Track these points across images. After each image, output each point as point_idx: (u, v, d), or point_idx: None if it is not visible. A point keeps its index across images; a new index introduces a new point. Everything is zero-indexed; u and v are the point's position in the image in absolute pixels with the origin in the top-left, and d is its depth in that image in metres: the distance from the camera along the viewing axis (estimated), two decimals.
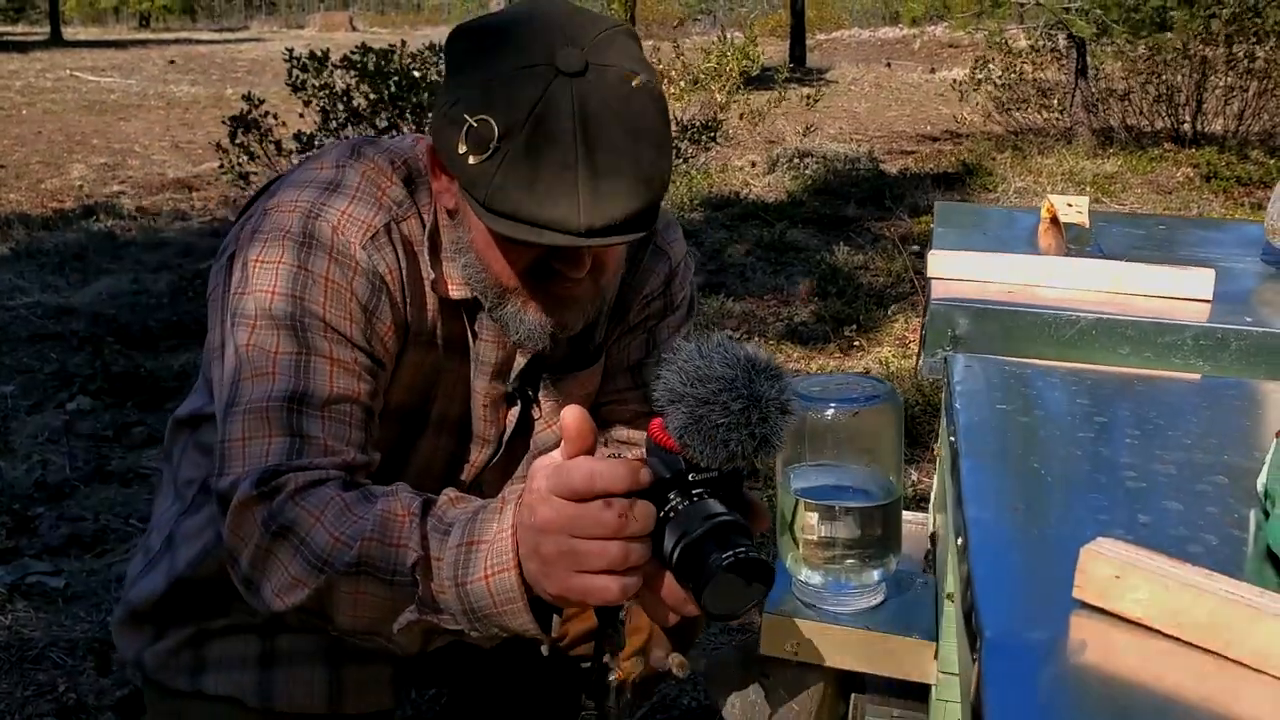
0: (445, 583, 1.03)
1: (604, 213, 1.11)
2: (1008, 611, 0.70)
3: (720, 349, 0.95)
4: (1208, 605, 0.65)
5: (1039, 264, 1.49)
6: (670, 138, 1.21)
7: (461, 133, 1.12)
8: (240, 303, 1.23)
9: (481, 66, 1.13)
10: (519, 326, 1.28)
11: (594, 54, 1.12)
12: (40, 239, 6.45)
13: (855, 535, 1.32)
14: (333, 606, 1.09)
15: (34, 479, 3.31)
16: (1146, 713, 0.61)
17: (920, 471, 3.28)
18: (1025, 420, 1.14)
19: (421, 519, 1.07)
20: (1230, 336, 1.30)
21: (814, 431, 1.31)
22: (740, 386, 0.92)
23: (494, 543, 1.01)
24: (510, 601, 1.01)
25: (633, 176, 1.12)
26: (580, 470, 0.95)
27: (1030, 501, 0.89)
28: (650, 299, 1.48)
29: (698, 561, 0.95)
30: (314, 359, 1.21)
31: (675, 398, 0.93)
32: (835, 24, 31.03)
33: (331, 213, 1.25)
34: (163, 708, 1.46)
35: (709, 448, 0.93)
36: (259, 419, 1.17)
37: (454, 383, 1.39)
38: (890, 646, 1.33)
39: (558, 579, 0.96)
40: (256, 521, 1.12)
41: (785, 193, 7.90)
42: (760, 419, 0.92)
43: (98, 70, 18.39)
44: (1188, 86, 9.72)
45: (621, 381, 1.52)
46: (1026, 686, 0.63)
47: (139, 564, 1.49)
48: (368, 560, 1.06)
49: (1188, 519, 0.79)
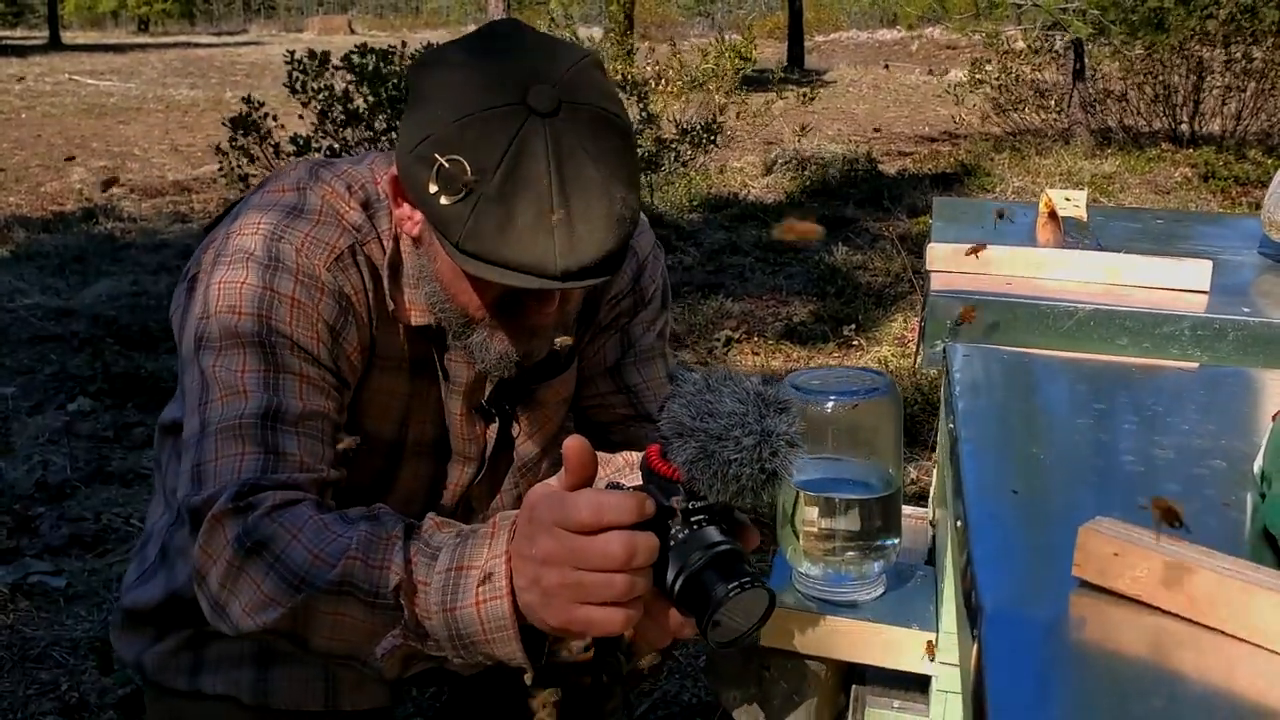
0: (432, 608, 1.01)
1: (579, 256, 1.10)
2: (1007, 589, 0.71)
3: (729, 383, 0.95)
4: (1206, 581, 0.65)
5: (1037, 256, 1.50)
6: (639, 170, 1.21)
7: (432, 172, 1.10)
8: (204, 327, 1.22)
9: (451, 103, 1.11)
10: (485, 355, 1.27)
11: (566, 91, 1.11)
12: (40, 241, 6.45)
13: (855, 527, 1.33)
14: (309, 628, 1.06)
15: (35, 479, 3.32)
16: (1146, 687, 0.62)
17: (919, 470, 3.28)
18: (1024, 407, 1.15)
19: (405, 541, 1.04)
20: (1228, 327, 1.30)
21: (814, 424, 1.31)
22: (752, 422, 0.92)
23: (485, 569, 1.00)
24: (500, 630, 0.99)
25: (606, 217, 1.11)
26: (586, 503, 0.94)
27: (1029, 485, 0.90)
28: (619, 298, 1.47)
29: (701, 592, 0.95)
30: (284, 376, 1.19)
31: (684, 431, 0.93)
32: (833, 26, 31.06)
33: (295, 235, 1.24)
34: (161, 708, 1.46)
35: (719, 483, 0.93)
36: (233, 436, 1.16)
37: (427, 406, 1.38)
38: (891, 638, 1.34)
39: (560, 610, 0.95)
40: (229, 537, 1.09)
41: (784, 193, 7.91)
42: (770, 454, 0.92)
43: (96, 74, 18.40)
44: (1185, 87, 9.73)
45: (603, 385, 1.50)
46: (1026, 662, 0.64)
47: (134, 572, 1.48)
48: (350, 580, 1.04)
49: (1185, 501, 0.79)
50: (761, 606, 0.98)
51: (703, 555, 0.96)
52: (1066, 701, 0.59)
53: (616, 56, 8.81)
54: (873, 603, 1.37)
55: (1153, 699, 0.60)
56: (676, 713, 2.29)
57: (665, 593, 0.98)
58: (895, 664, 1.35)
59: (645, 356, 1.50)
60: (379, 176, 1.30)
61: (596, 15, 22.09)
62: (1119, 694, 0.60)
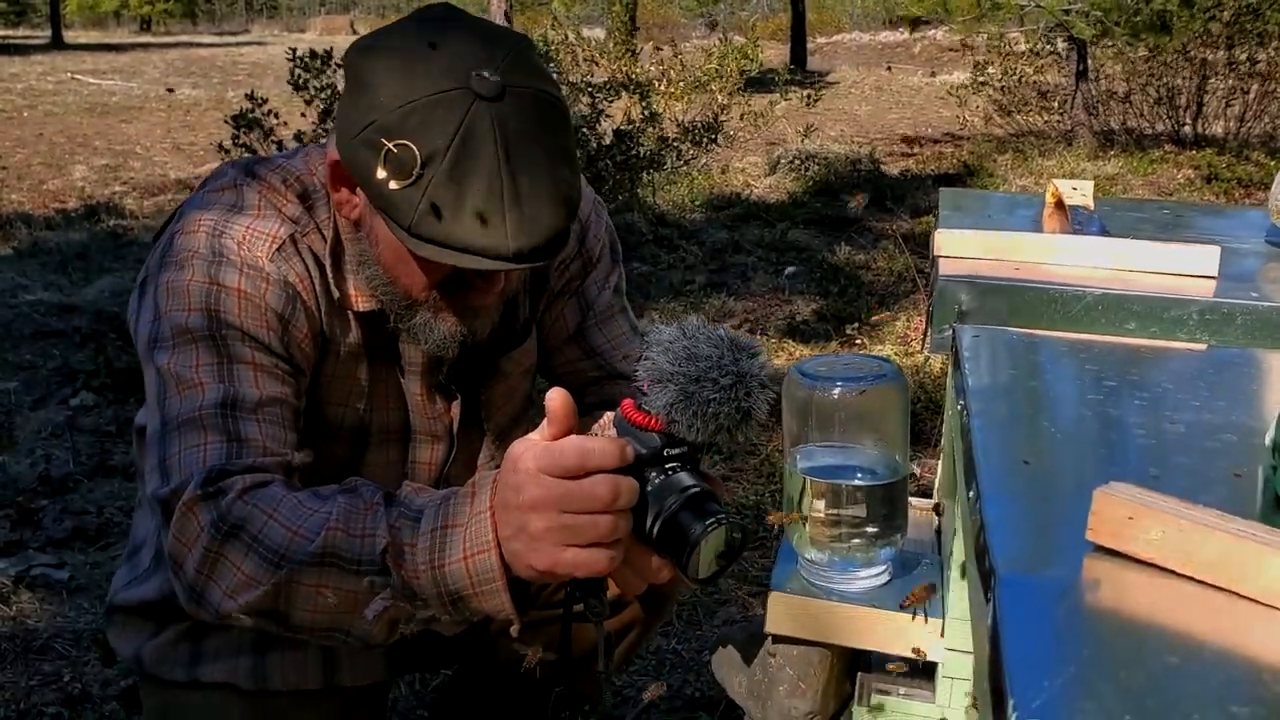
0: (420, 568, 1.04)
1: (530, 237, 1.13)
2: (1021, 553, 0.71)
3: (703, 331, 1.03)
4: (1220, 544, 0.65)
5: (1045, 241, 1.50)
6: (576, 151, 1.23)
7: (379, 157, 1.12)
8: (156, 328, 1.23)
9: (394, 89, 1.13)
10: (429, 335, 1.29)
11: (507, 75, 1.13)
12: (43, 238, 6.45)
13: (862, 514, 1.32)
14: (290, 603, 1.08)
15: (38, 473, 3.32)
16: (1163, 646, 0.62)
17: (922, 469, 3.28)
18: (1034, 385, 1.14)
19: (386, 508, 1.07)
20: (1236, 311, 1.30)
21: (820, 411, 1.31)
22: (728, 364, 1.01)
23: (469, 526, 1.03)
24: (489, 582, 1.03)
25: (553, 197, 1.15)
26: (573, 448, 0.99)
27: (1041, 457, 0.90)
28: (567, 263, 1.48)
29: (678, 532, 1.03)
30: (237, 366, 1.21)
31: (663, 377, 1.01)
32: (835, 27, 31.06)
33: (236, 229, 1.26)
34: (160, 700, 1.46)
35: (699, 421, 1.01)
36: (194, 428, 1.17)
37: (387, 392, 1.39)
38: (897, 625, 1.34)
39: (547, 554, 1.00)
40: (204, 524, 1.10)
41: (786, 193, 7.91)
42: (745, 393, 1.01)
43: (99, 73, 18.41)
44: (1188, 89, 9.72)
45: (570, 352, 1.52)
46: (1043, 623, 0.64)
47: (125, 576, 1.48)
48: (333, 551, 1.06)
49: (1198, 471, 0.79)
50: (736, 542, 1.05)
51: (678, 498, 1.03)
52: (1084, 660, 0.59)
53: (619, 56, 8.79)
54: (879, 589, 1.37)
55: (1169, 657, 0.60)
56: (679, 706, 2.29)
57: (643, 537, 1.04)
58: (901, 651, 1.35)
59: (605, 316, 1.52)
60: (314, 168, 1.32)
61: (598, 16, 22.11)
62: (1136, 653, 0.60)
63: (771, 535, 2.92)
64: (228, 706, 1.40)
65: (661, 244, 6.23)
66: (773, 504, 3.05)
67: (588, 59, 8.68)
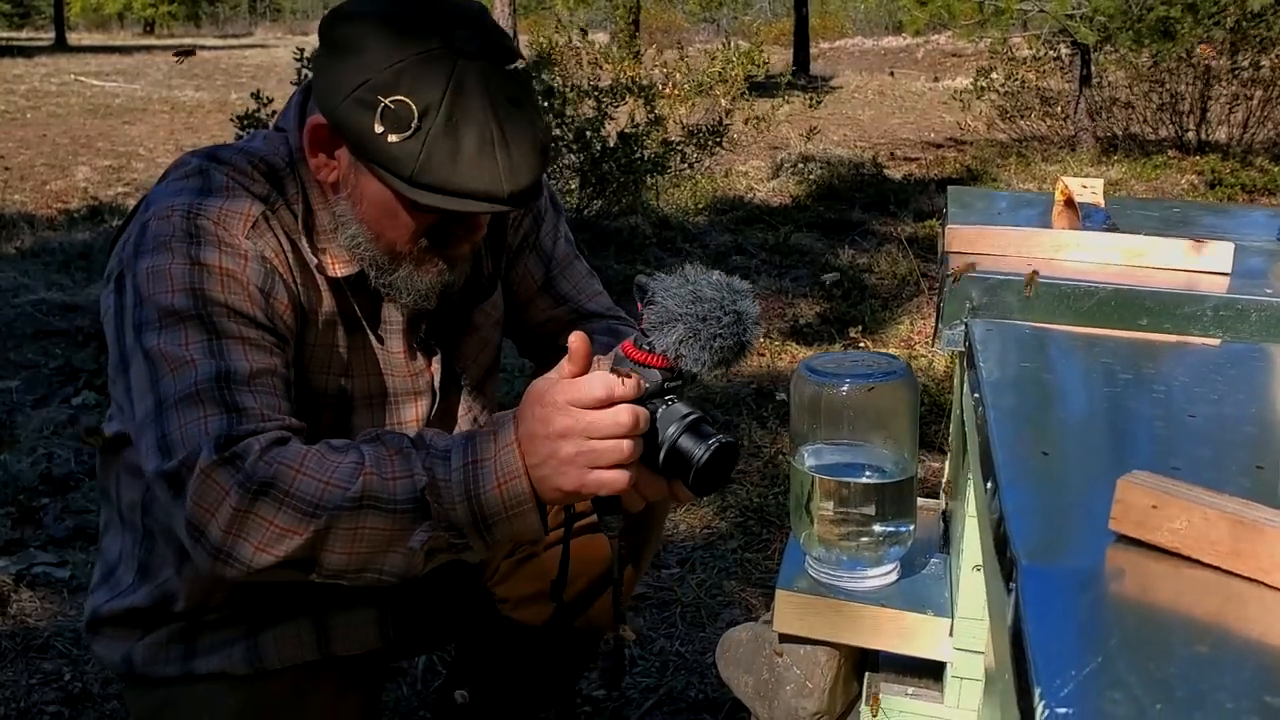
0: (456, 500, 1.14)
1: (518, 180, 1.24)
2: (1041, 543, 0.69)
3: (703, 276, 1.19)
4: (1246, 533, 0.64)
5: (1057, 237, 1.48)
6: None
7: (376, 113, 1.20)
8: (141, 314, 1.25)
9: (380, 51, 1.21)
10: (411, 288, 1.37)
11: (482, 35, 1.24)
12: (46, 239, 6.45)
13: (870, 512, 1.31)
14: (324, 548, 1.15)
15: (39, 472, 3.31)
16: (1189, 636, 0.61)
17: (927, 471, 3.26)
18: (1048, 377, 1.14)
19: (416, 450, 1.17)
20: (1250, 307, 1.28)
21: (829, 408, 1.30)
22: (728, 304, 1.17)
23: (499, 457, 1.15)
24: (520, 505, 1.15)
25: (534, 143, 1.26)
26: (601, 383, 1.14)
27: (1059, 448, 0.89)
28: (519, 220, 1.59)
29: (682, 456, 1.19)
30: (227, 341, 1.24)
31: (671, 318, 1.16)
32: (838, 33, 31.09)
33: (210, 210, 1.29)
34: (151, 699, 1.46)
35: (705, 354, 1.16)
36: (192, 402, 1.19)
37: (366, 359, 1.43)
38: (905, 624, 1.32)
39: (574, 476, 1.14)
40: (229, 486, 1.14)
41: (790, 197, 7.90)
42: (743, 330, 1.18)
43: (102, 75, 18.43)
44: (1192, 94, 9.71)
45: (543, 303, 1.64)
46: (1067, 612, 0.63)
47: (105, 594, 1.48)
48: (370, 494, 1.13)
49: (1219, 464, 0.78)
50: (733, 456, 1.21)
51: (679, 425, 1.19)
52: (1110, 650, 0.57)
53: (623, 59, 8.79)
54: (887, 588, 1.36)
55: (1198, 647, 0.58)
56: (683, 709, 2.28)
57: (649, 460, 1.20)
58: (909, 650, 1.34)
59: (564, 263, 1.65)
60: (275, 148, 1.37)
61: (602, 20, 22.15)
62: (1163, 643, 0.59)
63: (773, 537, 2.90)
64: (223, 696, 1.40)
65: (665, 246, 6.22)
66: (778, 506, 3.04)
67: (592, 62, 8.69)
